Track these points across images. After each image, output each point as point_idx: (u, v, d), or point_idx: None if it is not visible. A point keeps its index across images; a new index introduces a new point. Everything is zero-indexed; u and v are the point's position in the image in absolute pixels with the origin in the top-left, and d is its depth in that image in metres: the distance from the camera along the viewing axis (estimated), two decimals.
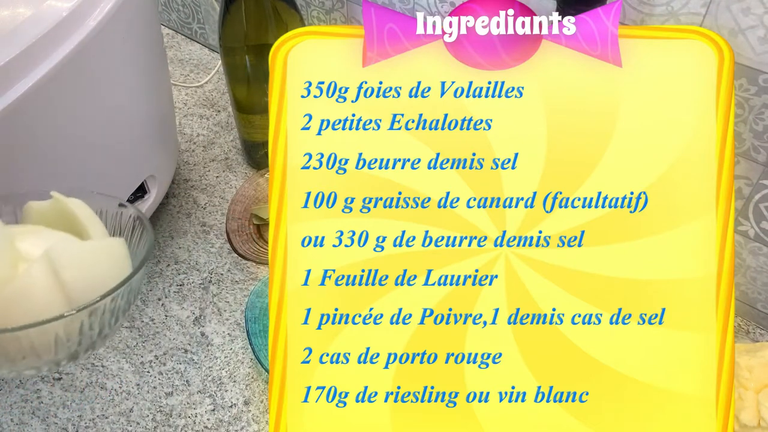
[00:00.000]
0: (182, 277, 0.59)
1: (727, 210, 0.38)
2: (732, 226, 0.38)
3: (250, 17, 0.57)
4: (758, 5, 0.41)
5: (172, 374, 0.52)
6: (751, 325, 0.55)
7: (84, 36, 0.44)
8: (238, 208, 0.61)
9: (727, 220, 0.38)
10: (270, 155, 0.39)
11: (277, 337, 0.38)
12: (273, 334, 0.38)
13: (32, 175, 0.45)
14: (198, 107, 0.76)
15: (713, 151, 0.38)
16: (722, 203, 0.38)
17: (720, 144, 0.38)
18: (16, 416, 0.50)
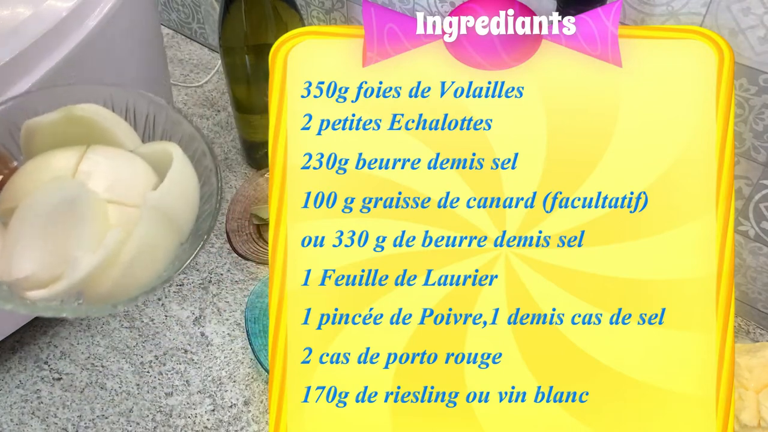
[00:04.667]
0: (182, 277, 0.59)
1: (727, 210, 0.38)
2: (732, 227, 0.38)
3: (250, 17, 0.57)
4: (758, 5, 0.41)
5: (172, 374, 0.52)
6: (751, 325, 0.55)
7: (84, 36, 0.44)
8: (238, 208, 0.61)
9: (727, 220, 0.38)
10: (270, 155, 0.39)
11: (277, 337, 0.38)
12: (273, 334, 0.38)
13: None
14: (198, 107, 0.76)
15: (713, 151, 0.38)
16: (722, 203, 0.38)
17: (720, 144, 0.38)
18: (16, 416, 0.50)
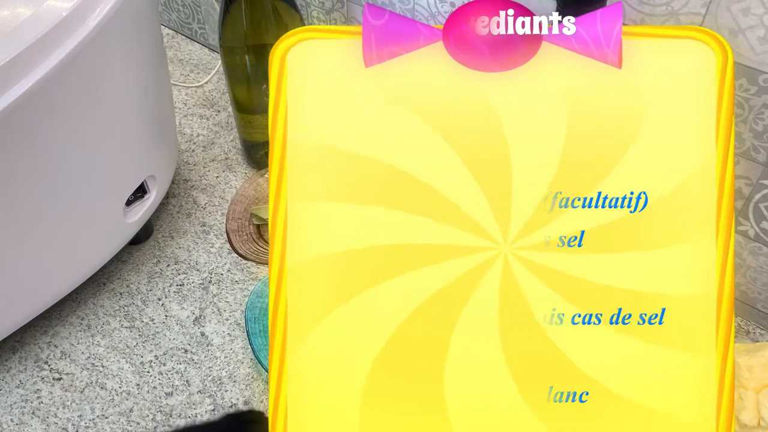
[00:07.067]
0: (182, 277, 0.59)
1: (730, 208, 0.38)
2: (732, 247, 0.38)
3: (250, 17, 0.57)
4: (758, 5, 0.41)
5: (172, 374, 0.52)
6: (751, 325, 0.55)
7: (84, 36, 0.44)
8: (238, 208, 0.61)
9: (729, 220, 0.38)
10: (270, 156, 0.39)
11: (276, 309, 0.38)
12: (273, 306, 0.38)
13: (32, 175, 0.45)
14: (198, 107, 0.76)
15: (713, 151, 0.38)
16: (725, 201, 0.38)
17: (720, 144, 0.38)
18: (16, 416, 0.50)
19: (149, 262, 0.60)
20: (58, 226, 0.49)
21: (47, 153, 0.45)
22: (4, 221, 0.45)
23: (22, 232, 0.47)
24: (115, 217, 0.55)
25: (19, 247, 0.48)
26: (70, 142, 0.47)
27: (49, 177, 0.46)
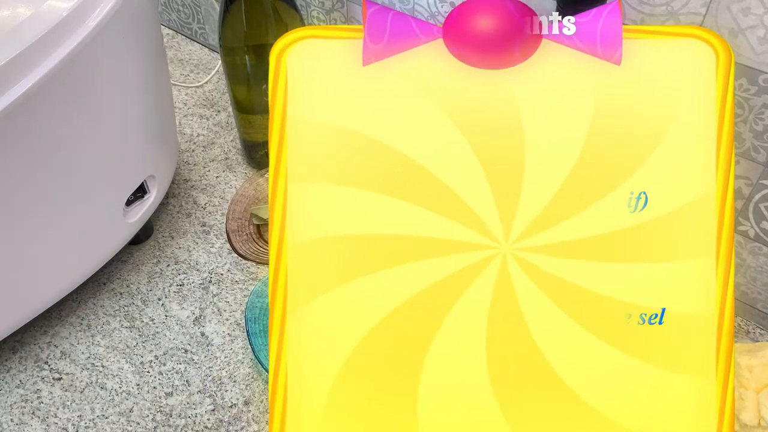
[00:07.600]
0: (182, 277, 0.59)
1: (731, 204, 0.38)
2: (732, 228, 0.38)
3: (250, 17, 0.57)
4: (758, 5, 0.41)
5: (172, 374, 0.52)
6: (751, 325, 0.54)
7: (84, 36, 0.44)
8: (238, 208, 0.61)
9: (731, 220, 0.38)
10: (270, 151, 0.39)
11: (276, 285, 0.38)
12: (272, 282, 0.39)
13: (32, 175, 0.45)
14: (198, 107, 0.76)
15: (713, 151, 0.38)
16: (726, 204, 0.38)
17: (722, 144, 0.38)
18: (16, 416, 0.50)
19: (149, 262, 0.60)
20: (58, 225, 0.49)
21: (47, 153, 0.45)
22: (4, 221, 0.45)
23: (22, 231, 0.47)
24: (115, 217, 0.55)
25: (19, 247, 0.48)
26: (70, 141, 0.47)
27: (48, 177, 0.46)
